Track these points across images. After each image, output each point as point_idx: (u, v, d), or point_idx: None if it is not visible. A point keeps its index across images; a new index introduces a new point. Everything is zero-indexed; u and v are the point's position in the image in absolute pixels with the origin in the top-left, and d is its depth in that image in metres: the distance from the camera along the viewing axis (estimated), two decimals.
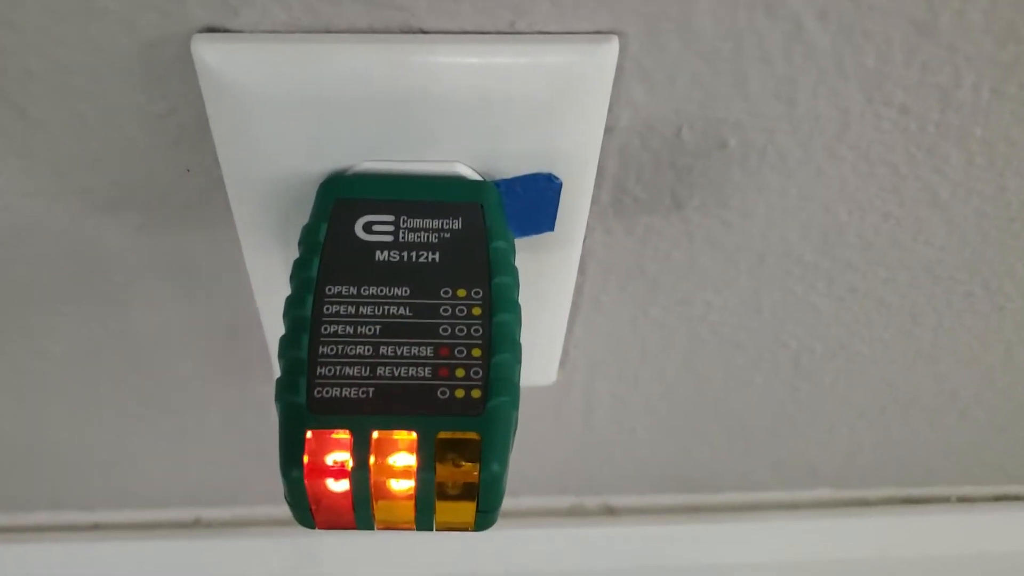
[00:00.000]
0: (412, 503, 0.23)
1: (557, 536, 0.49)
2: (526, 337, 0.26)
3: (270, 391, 0.38)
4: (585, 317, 0.35)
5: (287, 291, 0.25)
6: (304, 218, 0.26)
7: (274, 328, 0.32)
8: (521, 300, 0.25)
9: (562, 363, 0.37)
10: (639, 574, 0.51)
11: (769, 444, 0.44)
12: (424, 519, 0.23)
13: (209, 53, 0.24)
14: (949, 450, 0.46)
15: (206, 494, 0.45)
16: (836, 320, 0.36)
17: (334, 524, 0.24)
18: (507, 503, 0.48)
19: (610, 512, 0.49)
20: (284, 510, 0.46)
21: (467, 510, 0.23)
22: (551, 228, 0.29)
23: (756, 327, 0.36)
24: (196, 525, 0.47)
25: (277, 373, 0.35)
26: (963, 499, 0.50)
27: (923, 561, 0.51)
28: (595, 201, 0.30)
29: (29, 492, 0.44)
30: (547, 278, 0.32)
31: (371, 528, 0.24)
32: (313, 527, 0.24)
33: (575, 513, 0.49)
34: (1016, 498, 0.50)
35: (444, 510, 0.23)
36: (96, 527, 0.46)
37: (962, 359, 0.39)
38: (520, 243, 0.29)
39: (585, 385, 0.39)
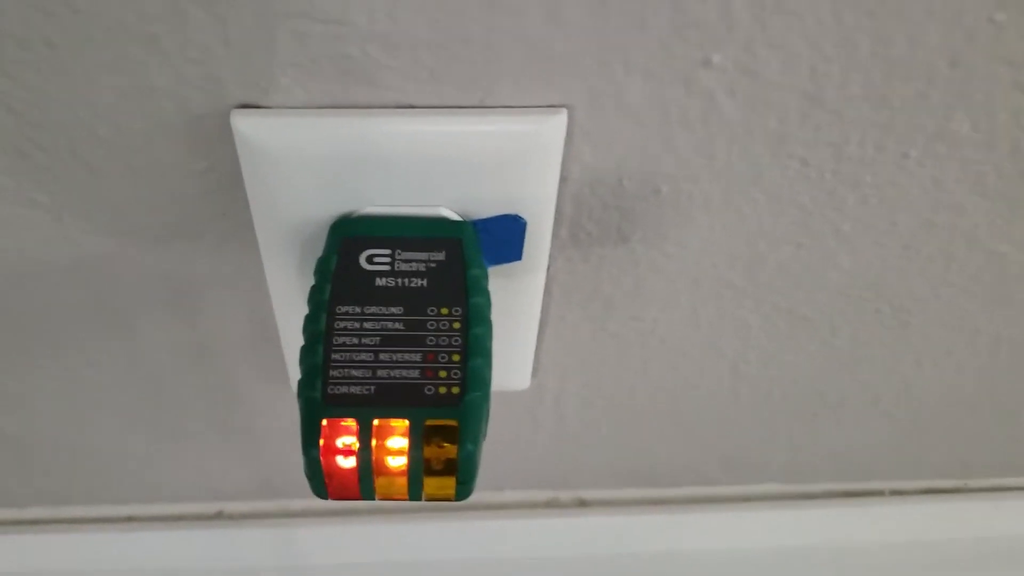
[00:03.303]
0: (405, 478, 0.29)
1: (535, 526, 0.54)
2: (502, 348, 0.32)
3: (285, 396, 0.44)
4: (553, 331, 0.41)
5: (303, 311, 0.31)
6: (317, 252, 0.32)
7: (291, 343, 0.38)
8: (496, 318, 0.31)
9: (535, 371, 0.44)
10: (609, 561, 0.56)
11: (719, 444, 0.50)
12: (415, 490, 0.29)
13: (245, 125, 0.30)
14: (879, 449, 0.52)
15: (228, 489, 0.51)
16: (765, 334, 0.42)
17: (343, 495, 0.30)
18: (491, 496, 0.54)
19: (582, 504, 0.54)
20: (299, 503, 0.53)
21: (449, 483, 0.30)
22: (519, 258, 0.35)
23: (697, 339, 0.42)
24: (219, 517, 0.53)
25: (295, 378, 0.41)
26: (895, 492, 0.56)
27: (861, 548, 0.57)
28: (555, 236, 0.36)
29: (70, 487, 0.50)
30: (518, 299, 0.38)
31: (372, 498, 0.30)
32: (327, 498, 0.30)
33: (551, 505, 0.54)
34: (942, 491, 0.56)
35: (430, 484, 0.29)
36: (130, 519, 0.52)
37: (879, 368, 0.45)
38: (494, 271, 0.35)
39: (556, 390, 0.45)
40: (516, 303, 0.38)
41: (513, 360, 0.41)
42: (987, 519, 0.57)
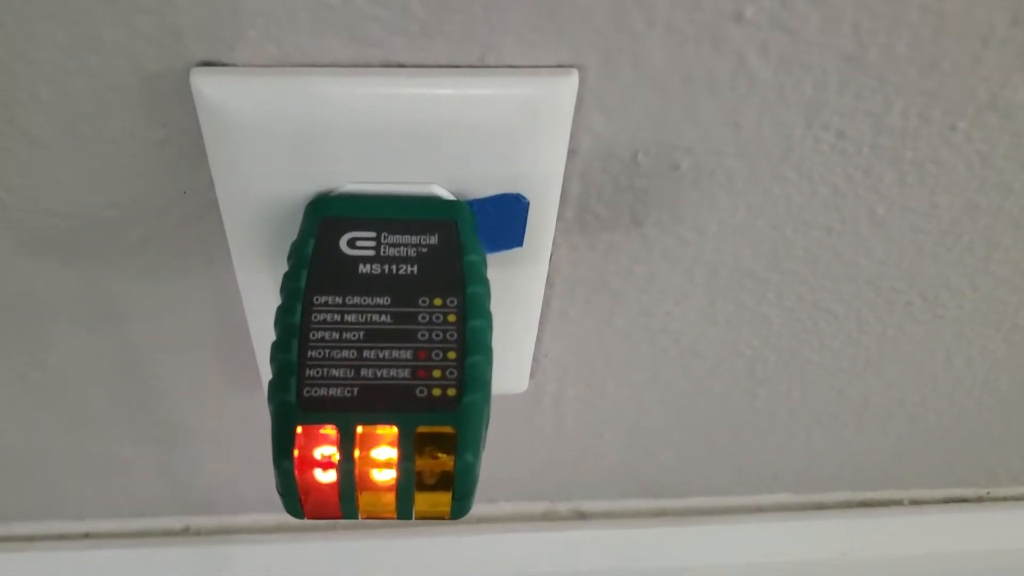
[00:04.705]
0: (393, 494, 0.25)
1: (531, 540, 0.50)
2: (498, 347, 0.28)
3: (257, 401, 0.40)
4: (554, 328, 0.37)
5: (275, 304, 0.27)
6: (292, 236, 0.28)
7: (262, 339, 0.34)
8: (493, 312, 0.27)
9: (533, 372, 0.40)
10: None
11: (731, 450, 0.46)
12: (404, 508, 0.26)
13: (206, 85, 0.26)
14: (900, 454, 0.48)
15: (195, 502, 0.47)
16: (787, 330, 0.38)
17: (322, 514, 0.26)
18: (484, 508, 0.50)
19: (581, 517, 0.51)
20: (271, 517, 0.48)
21: (443, 500, 0.26)
22: (520, 244, 0.31)
23: (713, 337, 0.38)
24: (185, 533, 0.49)
25: (267, 378, 0.37)
26: (915, 501, 0.52)
27: (879, 561, 0.53)
28: (560, 219, 0.32)
29: (21, 501, 0.46)
30: (517, 291, 0.34)
31: (355, 517, 0.26)
32: (302, 517, 0.26)
33: (548, 518, 0.50)
34: (963, 500, 0.52)
35: (422, 500, 0.25)
36: (87, 536, 0.48)
37: (907, 366, 0.41)
38: (492, 259, 0.31)
39: (555, 393, 0.41)
40: (515, 296, 0.34)
41: (510, 360, 0.37)
42: (1010, 530, 0.53)
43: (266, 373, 0.37)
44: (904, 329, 0.39)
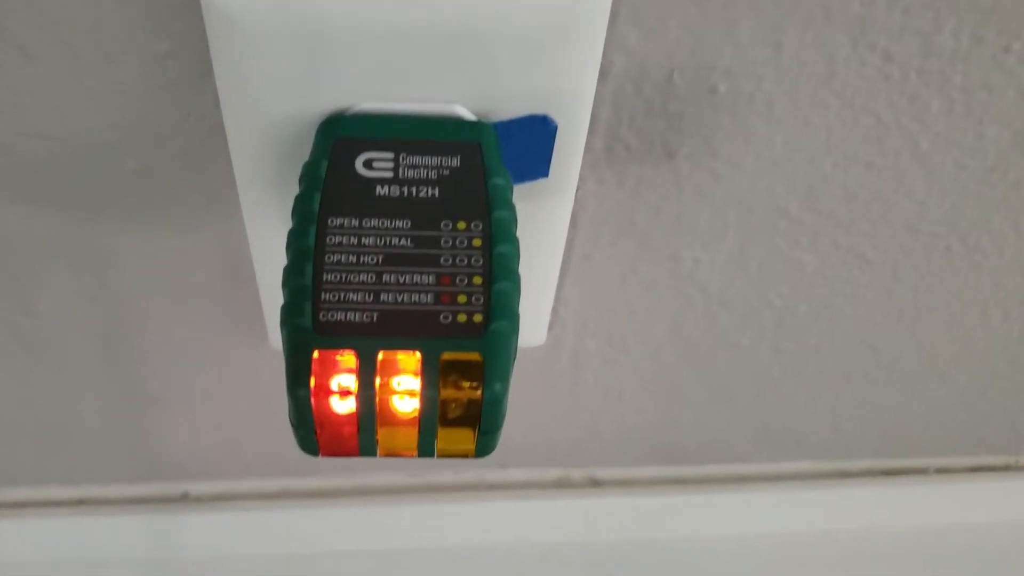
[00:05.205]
0: (415, 428, 0.24)
1: (543, 508, 0.49)
2: None
3: (261, 355, 0.38)
4: (575, 275, 0.36)
5: (282, 239, 0.25)
6: (302, 161, 0.26)
7: (267, 278, 0.32)
8: None
9: (551, 324, 0.38)
10: (624, 547, 0.51)
11: (753, 412, 0.45)
12: (426, 443, 0.24)
13: None
14: (928, 420, 0.47)
15: (193, 467, 0.45)
16: (820, 277, 0.37)
17: (338, 450, 0.24)
18: (493, 474, 0.48)
19: (596, 484, 0.49)
20: (273, 483, 0.46)
21: (467, 436, 0.24)
22: (545, 174, 0.29)
23: (742, 285, 0.37)
24: (184, 499, 0.47)
25: (274, 327, 0.35)
26: (941, 470, 0.50)
27: (903, 532, 0.52)
28: (588, 148, 0.30)
29: (11, 466, 0.44)
30: (539, 230, 0.32)
31: (373, 454, 0.24)
32: (316, 454, 0.24)
33: (561, 485, 0.49)
34: (991, 468, 0.51)
35: (445, 436, 0.24)
36: (81, 502, 0.46)
37: (941, 320, 0.40)
38: (515, 192, 0.30)
39: (574, 347, 0.39)
40: (537, 236, 0.32)
41: (528, 309, 0.35)
42: None
43: (273, 323, 0.35)
44: (941, 277, 0.37)
